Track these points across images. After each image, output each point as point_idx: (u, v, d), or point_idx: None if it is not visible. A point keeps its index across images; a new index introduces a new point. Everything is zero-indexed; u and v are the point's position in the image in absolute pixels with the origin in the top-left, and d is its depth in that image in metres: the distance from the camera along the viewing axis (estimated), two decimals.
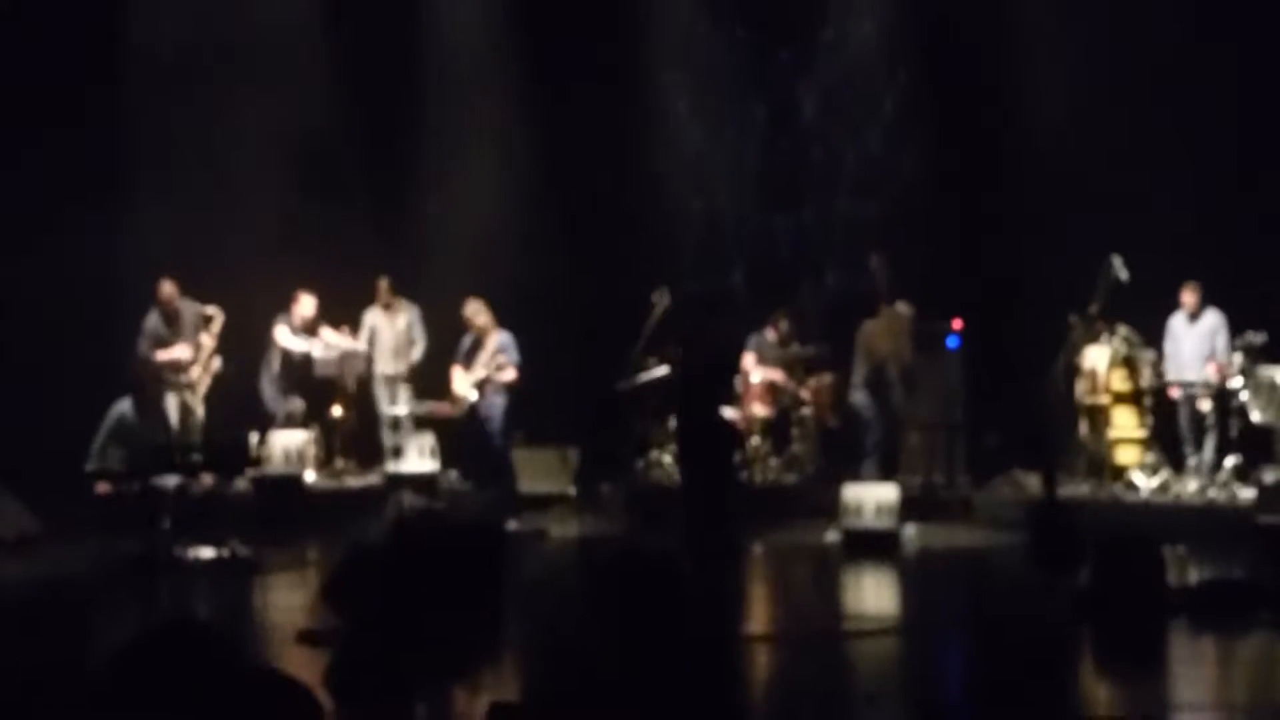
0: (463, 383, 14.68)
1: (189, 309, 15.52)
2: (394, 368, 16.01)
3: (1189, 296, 14.61)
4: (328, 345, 15.78)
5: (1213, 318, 14.59)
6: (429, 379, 15.80)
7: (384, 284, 16.04)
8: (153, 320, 15.46)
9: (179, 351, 15.32)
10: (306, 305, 15.87)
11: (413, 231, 16.69)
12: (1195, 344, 14.58)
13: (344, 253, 16.15)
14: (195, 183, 16.31)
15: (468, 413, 14.70)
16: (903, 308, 15.15)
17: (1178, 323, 14.78)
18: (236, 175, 16.19)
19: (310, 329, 15.91)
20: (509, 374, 14.53)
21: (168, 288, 15.42)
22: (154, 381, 14.89)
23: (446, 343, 15.55)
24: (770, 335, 15.95)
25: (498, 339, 14.68)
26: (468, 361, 14.81)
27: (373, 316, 16.12)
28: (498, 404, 14.65)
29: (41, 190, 15.52)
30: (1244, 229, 14.86)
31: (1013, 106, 15.82)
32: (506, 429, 14.71)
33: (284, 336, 15.77)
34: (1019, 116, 15.78)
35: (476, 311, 14.79)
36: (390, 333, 16.03)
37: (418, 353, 15.91)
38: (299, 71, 16.46)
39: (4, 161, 15.66)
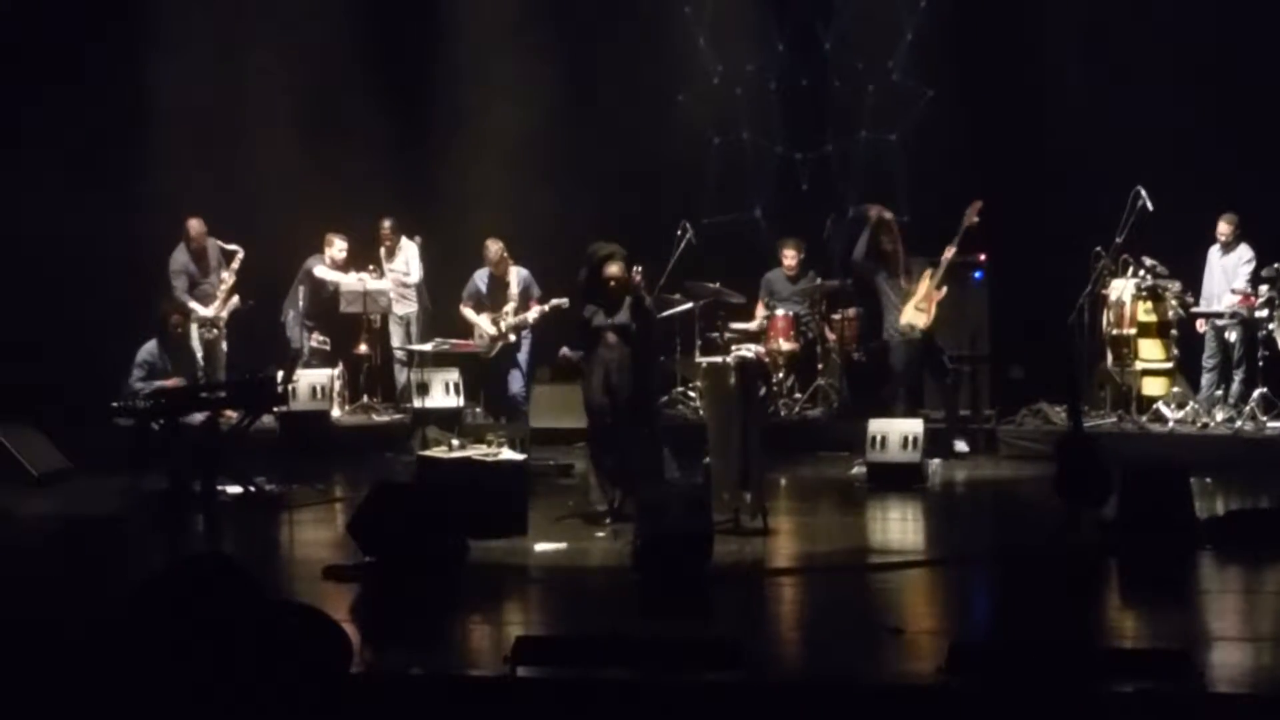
0: (491, 324, 14.61)
1: (212, 246, 15.62)
2: (401, 308, 16.06)
3: (1224, 226, 14.52)
4: (360, 279, 15.82)
5: (1242, 250, 14.52)
6: (449, 316, 15.79)
7: (385, 226, 16.11)
8: (182, 258, 15.57)
9: (208, 307, 15.51)
10: (338, 246, 15.94)
11: (430, 170, 16.64)
12: (1224, 275, 14.53)
13: (367, 194, 16.18)
14: (216, 126, 16.29)
15: (500, 352, 14.64)
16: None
17: (1213, 253, 14.70)
18: (257, 118, 16.17)
19: (341, 270, 15.99)
20: (535, 311, 14.47)
21: (197, 225, 15.51)
22: (182, 319, 14.92)
23: (466, 280, 15.50)
24: (783, 269, 15.94)
25: (519, 276, 14.59)
26: (487, 302, 14.70)
27: (382, 258, 16.21)
28: (528, 339, 14.61)
29: (65, 137, 15.53)
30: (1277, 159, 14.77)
31: (1038, 34, 15.69)
32: (533, 365, 14.70)
33: (321, 270, 15.84)
34: (1044, 45, 15.66)
35: (500, 250, 14.69)
36: (393, 273, 16.10)
37: (411, 280, 15.99)
38: (321, 16, 16.44)
39: (26, 110, 15.66)
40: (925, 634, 8.68)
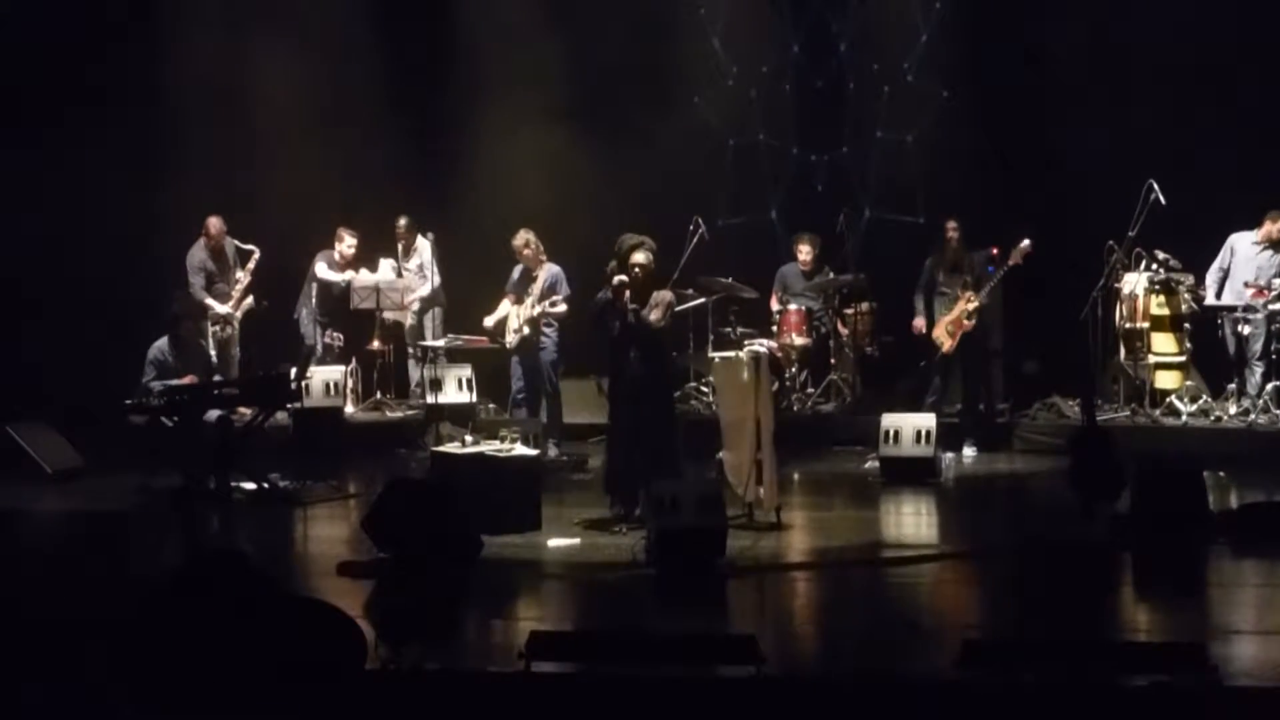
0: (514, 318, 14.55)
1: (230, 246, 15.67)
2: (416, 304, 16.08)
3: None
4: (363, 279, 15.87)
5: None
6: (463, 311, 15.79)
7: (402, 224, 16.14)
8: (200, 255, 15.62)
9: (221, 305, 15.55)
10: (348, 243, 15.97)
11: (447, 168, 16.66)
12: (1256, 272, 14.41)
13: (382, 192, 16.20)
14: (229, 125, 16.33)
15: (518, 347, 14.57)
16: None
17: (1245, 244, 14.60)
18: (274, 117, 16.19)
19: (351, 266, 16.02)
20: (561, 307, 14.35)
21: (216, 223, 15.55)
22: (197, 317, 14.95)
23: (480, 276, 15.47)
24: (798, 264, 15.97)
25: (548, 272, 14.50)
26: (518, 294, 14.62)
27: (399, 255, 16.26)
28: (551, 336, 14.52)
29: (83, 138, 15.58)
30: None
31: (1052, 30, 15.65)
32: (557, 362, 14.62)
33: (322, 270, 15.87)
34: (1058, 41, 15.62)
35: (525, 243, 14.61)
36: (409, 272, 16.14)
37: (425, 290, 15.96)
38: (334, 14, 16.46)
39: (46, 110, 15.70)
40: (940, 628, 8.68)
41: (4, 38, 15.73)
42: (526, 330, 14.38)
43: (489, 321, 14.72)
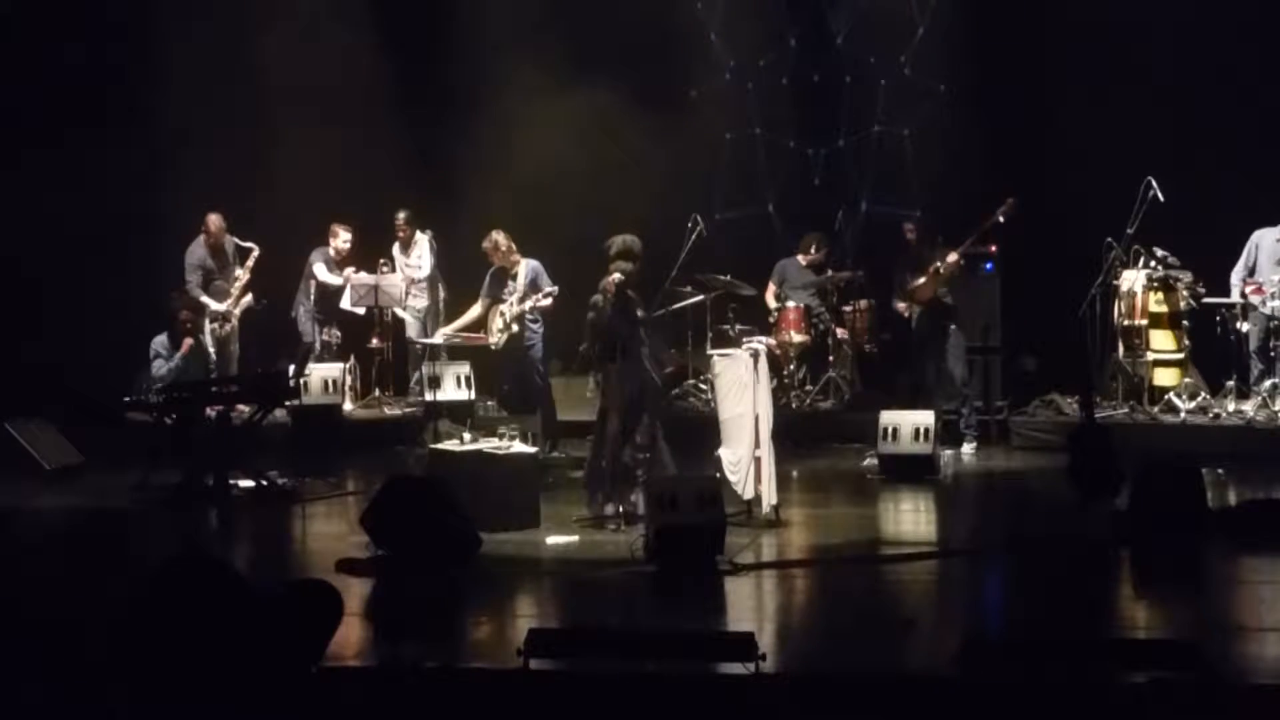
0: (498, 318, 14.48)
1: (229, 243, 15.66)
2: (415, 300, 16.06)
3: None
4: (360, 278, 15.87)
5: None
6: (461, 309, 15.77)
7: (401, 218, 16.15)
8: (199, 252, 15.60)
9: (220, 303, 15.53)
10: (343, 238, 15.98)
11: (444, 164, 16.65)
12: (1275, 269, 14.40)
13: (380, 189, 16.19)
14: (233, 118, 16.32)
15: (506, 346, 14.51)
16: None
17: (1269, 240, 14.49)
18: (275, 112, 16.18)
19: (347, 261, 16.01)
20: (548, 301, 14.28)
21: (216, 220, 15.54)
22: (192, 316, 14.95)
23: (478, 273, 15.44)
24: (800, 260, 15.96)
25: (526, 268, 14.44)
26: (494, 296, 14.54)
27: (396, 251, 16.25)
28: (537, 332, 14.45)
29: (84, 137, 15.57)
30: None
31: (1049, 28, 15.64)
32: (545, 358, 14.58)
33: (321, 271, 15.86)
34: (1056, 35, 15.62)
35: (495, 244, 14.44)
36: (409, 267, 16.13)
37: (422, 274, 16.00)
38: (334, 11, 16.47)
39: (47, 110, 15.70)
40: (938, 625, 8.68)
41: (4, 39, 15.72)
42: (515, 328, 14.30)
43: (453, 328, 14.68)
